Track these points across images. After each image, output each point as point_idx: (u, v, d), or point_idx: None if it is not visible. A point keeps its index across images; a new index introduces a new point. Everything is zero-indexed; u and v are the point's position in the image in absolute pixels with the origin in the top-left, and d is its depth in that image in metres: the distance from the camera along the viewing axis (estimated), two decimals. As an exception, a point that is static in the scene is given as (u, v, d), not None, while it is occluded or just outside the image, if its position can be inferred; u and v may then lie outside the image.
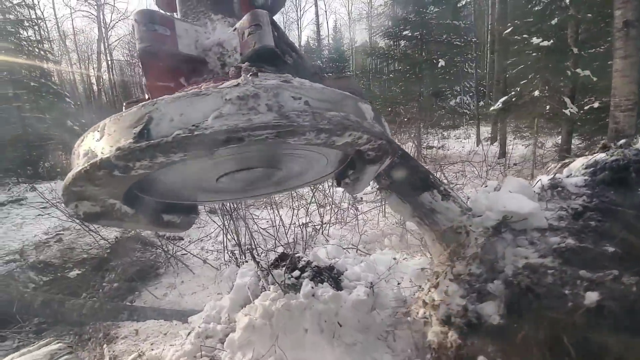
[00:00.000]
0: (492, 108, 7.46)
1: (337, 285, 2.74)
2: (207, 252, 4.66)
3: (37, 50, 14.85)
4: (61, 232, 6.53)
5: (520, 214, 1.81)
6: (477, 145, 13.03)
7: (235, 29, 1.16)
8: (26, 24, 14.49)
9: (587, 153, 2.56)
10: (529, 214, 1.80)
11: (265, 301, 2.38)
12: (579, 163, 2.29)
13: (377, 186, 2.21)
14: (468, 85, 18.47)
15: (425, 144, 11.73)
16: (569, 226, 1.77)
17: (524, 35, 6.31)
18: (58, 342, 2.18)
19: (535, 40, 5.98)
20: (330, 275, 2.80)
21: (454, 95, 15.37)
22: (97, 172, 0.85)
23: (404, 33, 10.28)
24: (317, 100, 0.84)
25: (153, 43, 1.04)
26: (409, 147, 12.06)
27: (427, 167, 2.27)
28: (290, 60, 1.23)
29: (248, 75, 0.89)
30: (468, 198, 2.13)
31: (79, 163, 0.88)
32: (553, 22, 5.98)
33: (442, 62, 9.75)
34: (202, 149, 0.78)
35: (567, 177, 2.17)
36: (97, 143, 0.84)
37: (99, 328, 2.95)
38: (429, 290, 2.06)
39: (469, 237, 1.93)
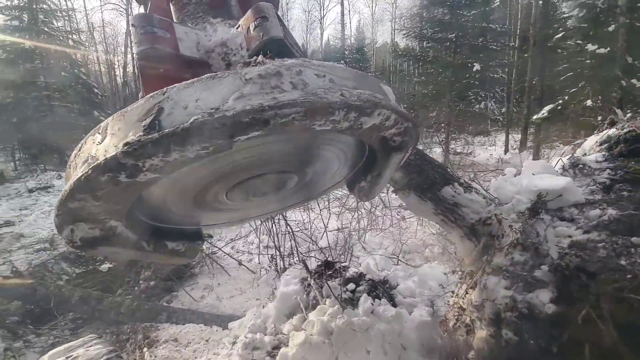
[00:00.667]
0: (535, 116, 7.11)
1: (392, 301, 2.54)
2: (237, 252, 4.54)
3: (67, 40, 15.13)
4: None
5: (555, 191, 1.72)
6: (506, 154, 12.60)
7: (238, 26, 1.09)
8: (58, 14, 14.77)
9: (596, 131, 2.51)
10: (563, 190, 1.70)
11: (322, 316, 2.21)
12: (591, 142, 2.26)
13: (393, 188, 2.07)
14: (493, 90, 17.97)
15: (452, 150, 11.39)
16: (604, 198, 1.73)
17: (578, 42, 5.95)
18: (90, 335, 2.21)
19: (590, 47, 5.63)
20: (384, 289, 2.61)
21: (478, 100, 14.95)
22: (101, 178, 0.72)
23: (438, 35, 9.98)
24: (342, 78, 0.79)
25: (153, 45, 0.97)
26: (436, 154, 11.77)
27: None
28: (298, 55, 1.14)
29: (265, 58, 0.83)
30: (486, 189, 2.01)
31: (77, 173, 0.75)
32: (610, 28, 5.62)
33: (477, 66, 9.41)
34: (222, 137, 0.68)
35: (584, 155, 2.11)
36: (99, 146, 0.73)
37: (137, 329, 2.84)
38: (466, 293, 1.87)
39: (502, 226, 1.78)
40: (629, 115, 2.32)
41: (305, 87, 0.72)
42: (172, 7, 1.23)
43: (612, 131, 2.10)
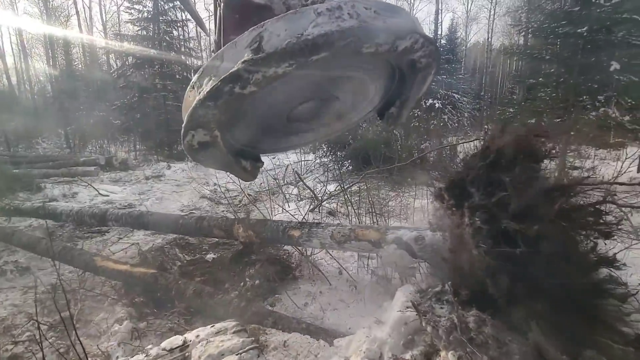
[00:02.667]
0: None
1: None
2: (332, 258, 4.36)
3: (182, 47, 17.13)
4: (194, 211, 7.09)
5: None
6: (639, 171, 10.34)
7: None
8: (178, 24, 16.81)
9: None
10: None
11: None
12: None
13: None
14: (616, 95, 15.09)
15: (569, 165, 9.76)
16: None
17: None
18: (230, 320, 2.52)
19: None
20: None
21: (596, 106, 12.61)
22: (225, 88, 0.95)
23: (563, 30, 8.58)
24: (382, 9, 1.02)
25: None
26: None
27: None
28: None
29: None
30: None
31: (206, 88, 1.00)
32: None
33: (615, 65, 7.81)
34: (303, 55, 0.92)
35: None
36: (220, 66, 0.98)
37: (245, 329, 2.82)
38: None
39: None
40: None
41: (358, 16, 0.94)
42: None
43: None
